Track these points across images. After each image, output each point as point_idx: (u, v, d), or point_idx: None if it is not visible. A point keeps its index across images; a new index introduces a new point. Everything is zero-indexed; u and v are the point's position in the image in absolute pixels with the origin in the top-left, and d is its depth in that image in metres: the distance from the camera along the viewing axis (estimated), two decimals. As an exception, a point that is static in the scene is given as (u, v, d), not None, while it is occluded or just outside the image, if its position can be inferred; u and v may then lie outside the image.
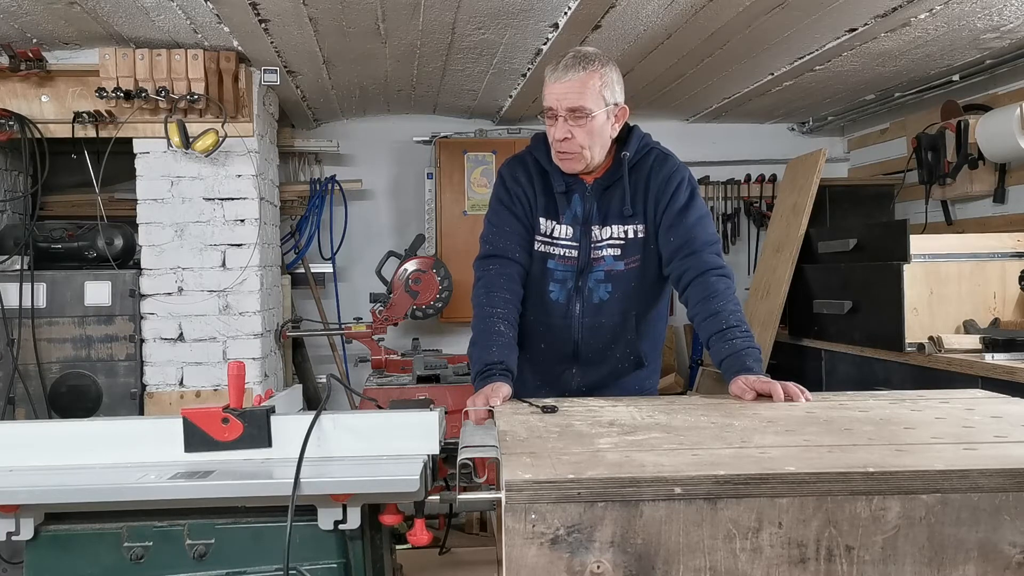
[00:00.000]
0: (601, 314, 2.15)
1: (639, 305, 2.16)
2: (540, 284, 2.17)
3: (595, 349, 2.18)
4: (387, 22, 3.13)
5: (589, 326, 2.15)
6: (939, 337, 3.07)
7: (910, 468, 1.20)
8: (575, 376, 2.21)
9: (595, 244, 2.12)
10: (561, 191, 2.14)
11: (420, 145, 4.93)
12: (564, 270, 2.15)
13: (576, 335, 2.16)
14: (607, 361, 2.20)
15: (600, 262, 2.13)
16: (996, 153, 3.68)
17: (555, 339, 2.18)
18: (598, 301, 2.14)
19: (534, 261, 2.17)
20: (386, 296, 4.17)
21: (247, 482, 1.70)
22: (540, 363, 2.22)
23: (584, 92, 2.00)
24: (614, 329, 2.16)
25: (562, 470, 1.22)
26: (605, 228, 2.13)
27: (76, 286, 3.53)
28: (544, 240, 2.16)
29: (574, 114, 2.01)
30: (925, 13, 2.96)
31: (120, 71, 3.37)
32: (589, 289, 2.14)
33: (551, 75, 2.03)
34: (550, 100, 2.04)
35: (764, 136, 5.16)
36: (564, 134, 2.03)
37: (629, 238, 2.12)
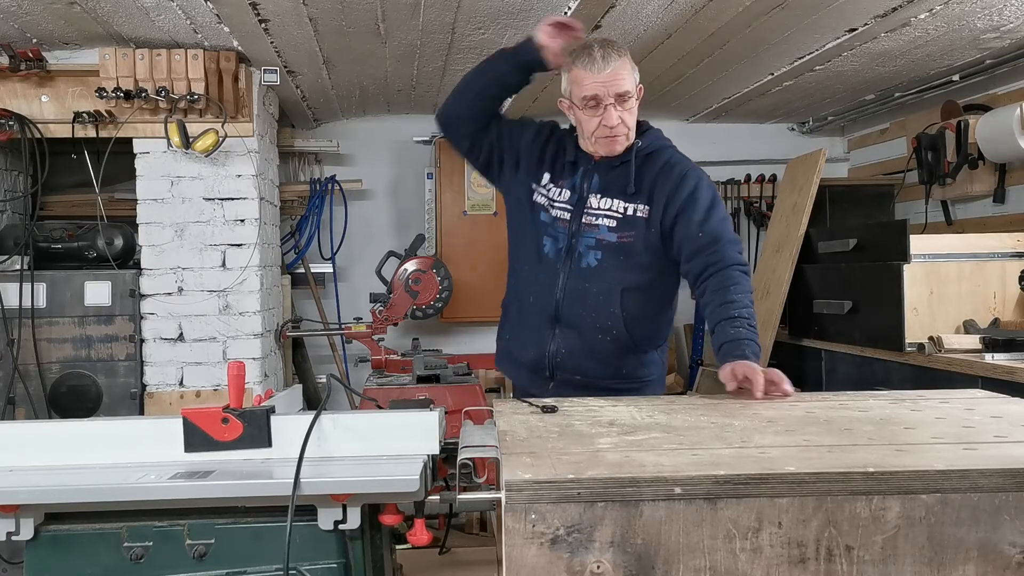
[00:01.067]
0: (587, 279, 2.22)
1: (628, 280, 2.22)
2: (535, 236, 2.29)
3: (576, 314, 2.23)
4: (387, 22, 3.13)
5: (573, 288, 2.22)
6: (939, 337, 3.07)
7: (910, 468, 1.20)
8: (556, 338, 2.26)
9: (589, 210, 2.23)
10: (571, 160, 2.28)
11: (420, 145, 4.93)
12: (558, 230, 2.26)
13: (559, 294, 2.24)
14: (587, 330, 2.23)
15: (593, 229, 2.22)
16: (996, 153, 3.68)
17: (540, 294, 2.27)
18: (586, 266, 2.22)
19: (532, 210, 2.29)
20: (386, 296, 4.17)
21: (247, 482, 1.70)
22: (526, 317, 2.32)
23: (626, 76, 2.16)
24: (597, 297, 2.22)
25: (562, 470, 1.22)
26: (604, 199, 2.23)
27: (76, 286, 3.53)
28: (543, 193, 2.29)
29: (621, 98, 2.16)
30: (925, 13, 2.96)
31: (120, 71, 3.37)
32: (579, 253, 2.23)
33: (590, 67, 2.14)
34: (595, 89, 2.14)
35: (764, 136, 5.16)
36: (617, 120, 2.16)
37: (628, 215, 2.21)
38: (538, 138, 2.34)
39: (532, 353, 2.30)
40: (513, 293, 2.39)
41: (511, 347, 2.39)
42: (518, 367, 2.39)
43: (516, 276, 2.38)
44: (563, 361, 2.27)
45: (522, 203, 2.32)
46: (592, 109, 2.17)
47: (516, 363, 2.39)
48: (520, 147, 2.34)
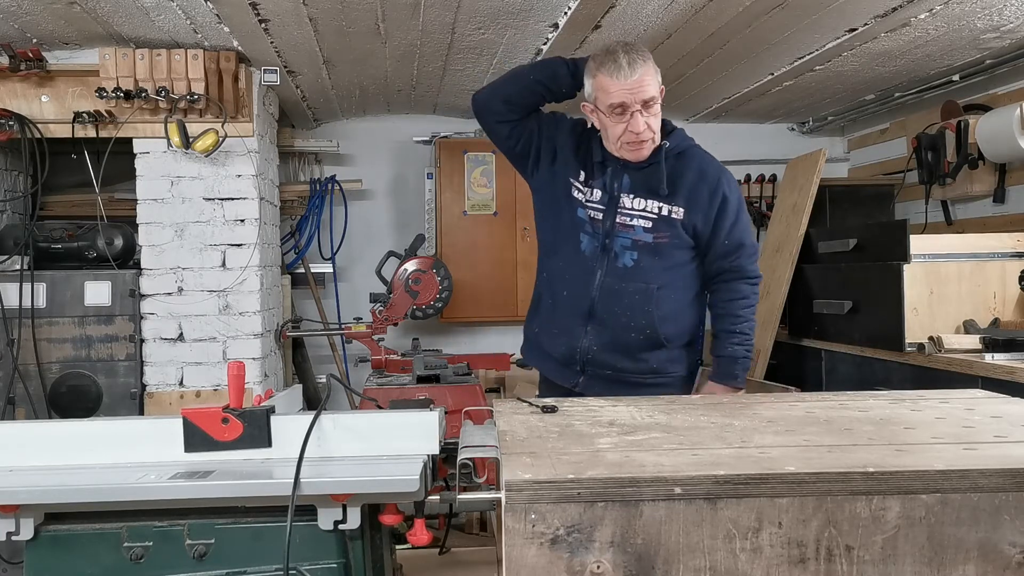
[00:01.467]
0: (623, 279, 2.26)
1: (663, 280, 2.28)
2: (574, 231, 2.31)
3: (610, 312, 2.27)
4: (387, 22, 3.13)
5: (609, 287, 2.26)
6: (939, 337, 3.07)
7: (910, 468, 1.20)
8: (588, 334, 2.29)
9: (623, 211, 2.26)
10: (599, 161, 2.30)
11: (420, 145, 4.93)
12: (594, 229, 2.29)
13: (594, 292, 2.27)
14: (621, 328, 2.28)
15: (629, 229, 2.26)
16: (996, 153, 3.68)
17: (575, 290, 2.29)
18: (622, 266, 2.26)
19: (570, 205, 2.31)
20: (386, 296, 4.17)
21: (247, 482, 1.70)
22: (559, 311, 2.33)
23: (651, 82, 2.18)
24: (633, 297, 2.26)
25: (562, 470, 1.22)
26: (637, 199, 2.27)
27: (76, 286, 3.53)
28: (579, 189, 2.31)
29: (647, 104, 2.18)
30: (925, 13, 2.96)
31: (120, 71, 3.37)
32: (615, 253, 2.27)
33: (616, 75, 2.16)
34: (622, 97, 2.17)
35: (764, 136, 5.15)
36: (644, 126, 2.19)
37: (663, 215, 2.25)
38: (573, 134, 2.37)
39: (563, 347, 2.33)
40: (545, 285, 2.39)
41: (541, 339, 2.40)
42: (547, 359, 2.41)
43: (550, 268, 2.37)
44: (594, 357, 2.30)
45: (559, 197, 2.33)
46: (619, 116, 2.19)
47: (546, 355, 2.41)
48: (557, 141, 2.35)
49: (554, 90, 2.34)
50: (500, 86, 2.38)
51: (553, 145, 2.35)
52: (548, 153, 2.36)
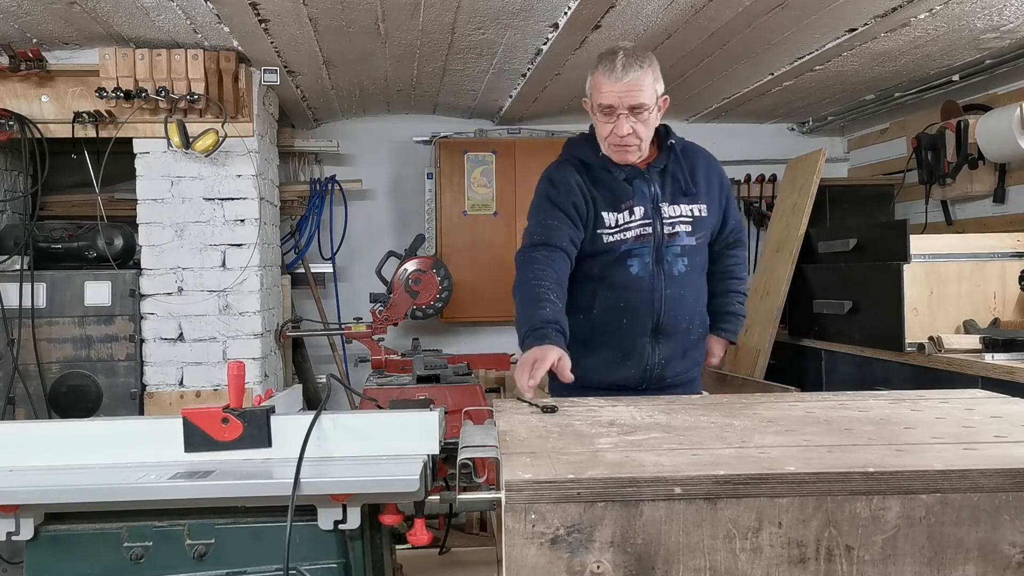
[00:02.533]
0: (681, 286, 2.29)
1: (702, 277, 2.38)
2: (619, 264, 2.26)
3: (674, 319, 2.29)
4: (387, 22, 3.13)
5: (672, 297, 2.27)
6: (939, 337, 3.07)
7: (910, 468, 1.20)
8: (658, 348, 2.29)
9: (667, 220, 2.27)
10: (623, 178, 2.27)
11: (420, 145, 4.93)
12: (641, 247, 2.26)
13: (659, 306, 2.27)
14: (684, 332, 2.33)
15: (676, 237, 2.28)
16: (996, 153, 3.68)
17: (637, 313, 2.27)
18: (678, 274, 2.28)
19: (605, 251, 2.26)
20: (386, 296, 4.17)
21: (247, 482, 1.70)
22: (621, 339, 2.28)
23: (643, 89, 2.16)
24: (690, 299, 2.32)
25: (562, 470, 1.22)
26: (674, 206, 2.28)
27: (76, 286, 3.53)
28: (615, 231, 2.26)
29: (635, 110, 2.17)
30: (925, 13, 2.96)
31: (120, 71, 3.37)
32: (668, 263, 2.27)
33: (608, 75, 2.15)
34: (611, 99, 2.16)
35: (764, 136, 5.15)
36: (628, 131, 2.18)
37: (696, 216, 2.30)
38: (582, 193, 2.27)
39: (633, 371, 2.29)
40: (593, 327, 2.29)
41: (591, 377, 2.24)
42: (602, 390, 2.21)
43: (596, 307, 2.29)
44: (661, 371, 2.31)
45: (597, 253, 2.27)
46: (606, 116, 2.20)
47: (600, 387, 2.25)
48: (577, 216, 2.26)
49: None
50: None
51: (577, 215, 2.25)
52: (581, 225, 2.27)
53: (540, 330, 2.04)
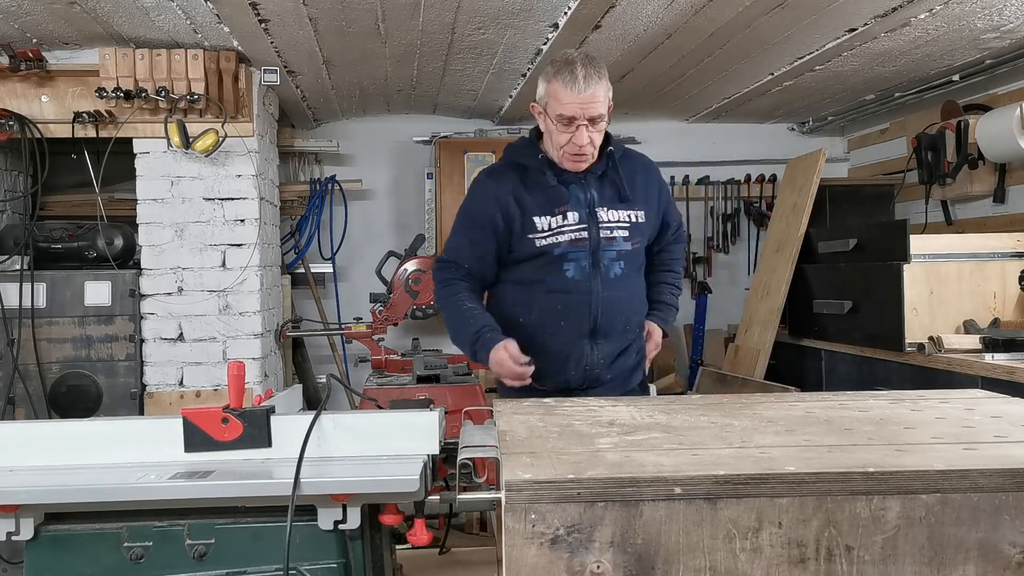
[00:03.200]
0: (618, 288, 2.31)
1: (639, 279, 2.42)
2: (553, 268, 2.28)
3: (611, 320, 2.32)
4: (387, 22, 3.13)
5: (608, 300, 2.30)
6: (939, 337, 3.07)
7: (910, 468, 1.20)
8: (595, 349, 2.32)
9: (604, 224, 2.30)
10: (554, 184, 2.29)
11: (420, 145, 4.93)
12: (577, 251, 2.28)
13: (595, 309, 2.29)
14: (621, 332, 2.36)
15: (613, 242, 2.30)
16: (996, 153, 3.68)
17: (575, 315, 2.29)
18: (614, 276, 2.31)
19: (538, 255, 2.28)
20: (386, 296, 4.16)
21: (247, 482, 1.70)
22: (561, 340, 2.31)
23: (602, 99, 2.19)
24: (626, 301, 2.36)
25: (562, 470, 1.22)
26: (611, 211, 2.31)
27: (76, 286, 3.53)
28: (546, 234, 2.27)
29: (593, 120, 2.19)
30: (925, 13, 2.96)
31: (120, 71, 3.37)
32: (605, 266, 2.30)
33: (570, 86, 2.15)
34: (572, 110, 2.17)
35: (764, 136, 5.15)
36: (587, 140, 2.20)
37: (633, 221, 2.33)
38: (500, 203, 2.29)
39: (573, 372, 2.32)
40: (532, 331, 2.31)
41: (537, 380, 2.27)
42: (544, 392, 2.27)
43: (533, 311, 2.31)
44: (602, 371, 2.34)
45: (531, 256, 2.29)
46: (565, 126, 2.20)
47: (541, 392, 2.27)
48: (501, 228, 2.29)
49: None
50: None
51: (504, 228, 2.29)
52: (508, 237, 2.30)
53: (480, 339, 2.22)
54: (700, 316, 4.96)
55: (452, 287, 2.34)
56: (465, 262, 2.35)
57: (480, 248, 2.32)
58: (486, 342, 2.21)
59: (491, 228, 2.30)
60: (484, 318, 2.27)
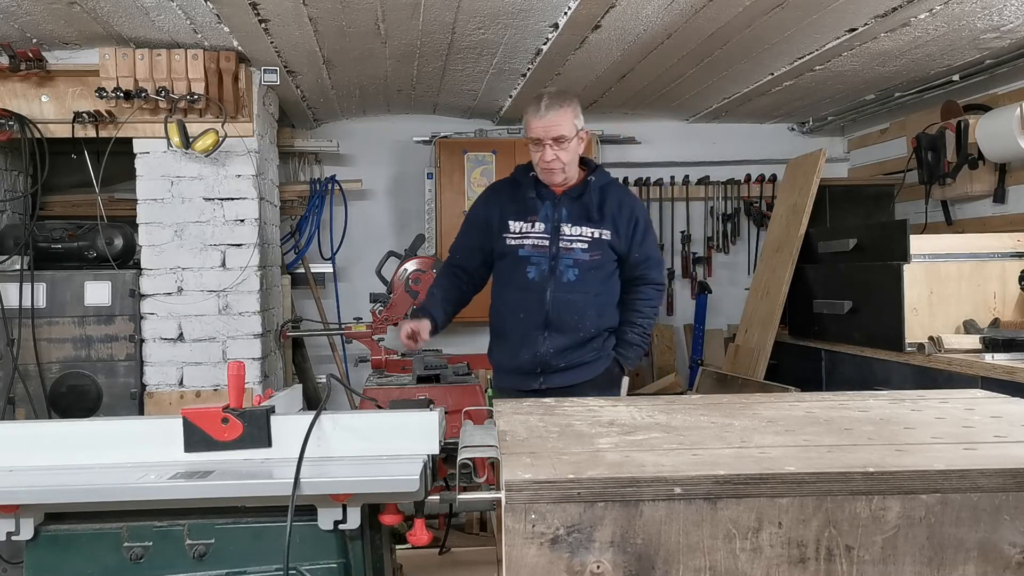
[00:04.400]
0: (570, 290, 2.76)
1: (598, 287, 2.80)
2: (519, 268, 2.79)
3: (562, 318, 2.76)
4: (387, 22, 3.13)
5: (559, 300, 2.76)
6: (939, 337, 3.07)
7: (910, 468, 1.20)
8: (546, 340, 2.76)
9: (564, 237, 2.77)
10: (532, 197, 2.80)
11: (420, 145, 4.93)
12: (539, 256, 2.78)
13: (548, 307, 2.76)
14: (572, 329, 2.77)
15: (570, 252, 2.77)
16: (996, 153, 3.68)
17: (531, 309, 2.77)
18: (567, 281, 2.76)
19: (508, 253, 2.80)
20: (386, 296, 4.16)
21: (247, 482, 1.71)
22: (519, 329, 2.80)
23: (564, 124, 2.68)
24: (578, 304, 2.77)
25: (562, 470, 1.22)
26: (575, 227, 2.78)
27: (76, 286, 3.53)
28: (515, 236, 2.80)
29: (557, 141, 2.69)
30: (925, 13, 2.96)
31: (120, 71, 3.37)
32: (560, 271, 2.77)
33: (535, 114, 2.68)
34: (538, 132, 2.69)
35: (764, 136, 5.15)
36: (552, 157, 2.71)
37: (595, 238, 2.78)
38: (488, 207, 2.88)
39: (526, 356, 2.78)
40: (500, 319, 2.87)
41: (502, 360, 2.88)
42: (511, 375, 2.87)
43: (504, 303, 2.85)
44: (552, 358, 2.77)
45: (503, 254, 2.82)
46: (535, 146, 2.73)
47: (508, 372, 2.87)
48: (485, 227, 2.85)
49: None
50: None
51: (488, 232, 2.84)
52: (490, 235, 2.85)
53: (416, 312, 2.92)
54: (700, 316, 4.96)
55: (436, 280, 3.00)
56: (457, 253, 2.95)
57: (470, 241, 2.91)
58: (412, 317, 2.90)
59: (481, 226, 2.87)
60: (431, 303, 2.87)
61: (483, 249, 2.87)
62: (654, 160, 5.09)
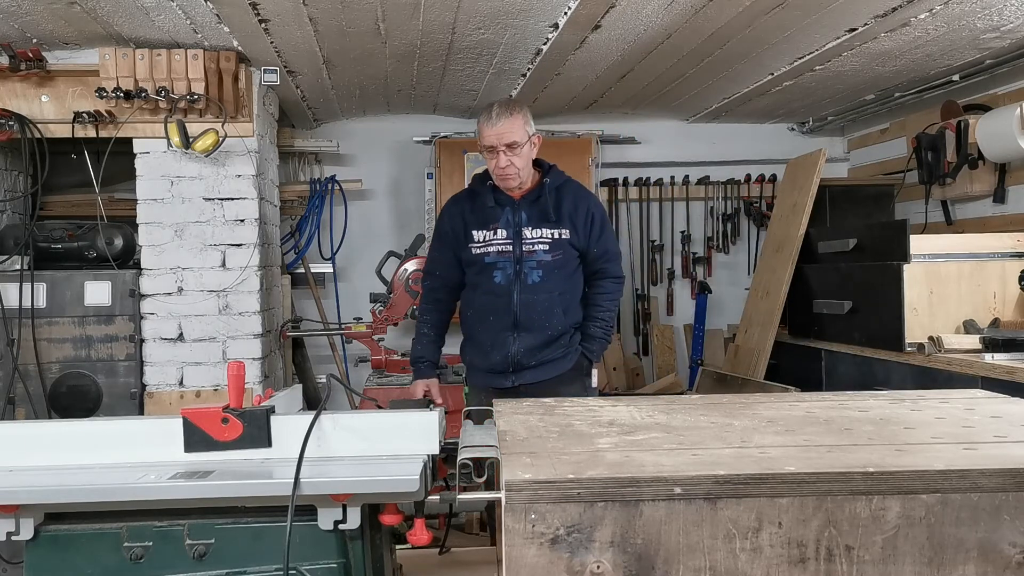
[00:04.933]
0: (535, 292, 2.85)
1: (562, 286, 2.89)
2: (486, 274, 2.88)
3: (530, 318, 2.85)
4: (387, 22, 3.13)
5: (525, 301, 2.85)
6: (939, 337, 3.07)
7: (910, 468, 1.20)
8: (516, 340, 2.85)
9: (526, 240, 2.87)
10: (491, 205, 2.89)
11: (420, 145, 4.93)
12: (504, 261, 2.87)
13: (515, 308, 2.85)
14: (540, 328, 2.86)
15: (533, 254, 2.86)
16: (996, 153, 3.67)
17: (500, 312, 2.87)
18: (531, 283, 2.85)
19: (475, 261, 2.90)
20: (386, 296, 4.16)
21: (247, 482, 1.71)
22: (489, 332, 2.90)
23: (515, 130, 2.77)
24: (544, 303, 2.85)
25: (562, 470, 1.22)
26: (536, 230, 2.87)
27: (76, 286, 3.53)
28: (480, 245, 2.89)
29: (510, 147, 2.77)
30: (925, 13, 2.96)
31: (120, 71, 3.36)
32: (524, 274, 2.85)
33: (487, 123, 2.77)
34: (491, 140, 2.77)
35: (764, 136, 5.15)
36: (506, 163, 2.79)
37: (555, 238, 2.87)
38: (452, 220, 2.95)
39: (498, 357, 2.87)
40: (471, 323, 2.96)
41: (475, 360, 2.97)
42: (485, 375, 2.95)
43: (472, 308, 2.94)
44: (522, 358, 2.86)
45: (471, 262, 2.91)
46: (489, 153, 2.81)
47: (481, 371, 2.96)
48: (452, 240, 2.94)
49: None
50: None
51: (458, 247, 2.92)
52: (458, 246, 2.93)
53: (416, 365, 2.99)
54: (700, 316, 4.96)
55: (424, 306, 3.05)
56: (437, 269, 3.01)
57: (446, 255, 2.98)
58: (418, 371, 2.98)
59: (449, 240, 2.96)
60: (428, 349, 2.99)
61: (458, 260, 2.96)
62: (654, 160, 5.09)
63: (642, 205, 5.05)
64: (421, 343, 2.99)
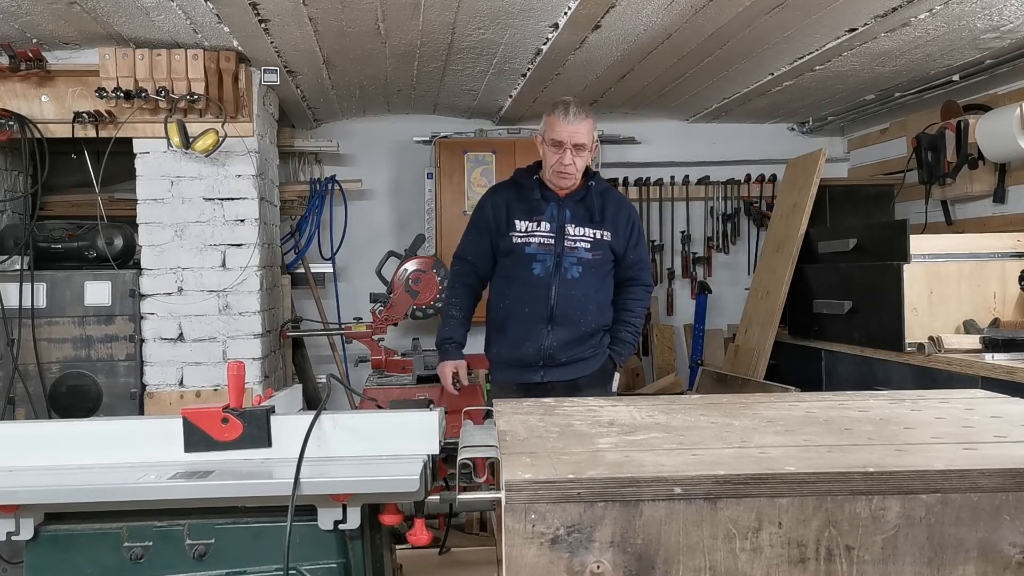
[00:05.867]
0: (572, 287, 2.92)
1: (597, 284, 2.98)
2: (524, 264, 2.93)
3: (565, 313, 2.91)
4: (387, 22, 3.13)
5: (563, 295, 2.91)
6: (939, 337, 3.07)
7: (910, 468, 1.20)
8: (549, 333, 2.91)
9: (569, 236, 2.94)
10: (538, 198, 2.96)
11: (420, 145, 4.93)
12: (544, 254, 2.93)
13: (552, 301, 2.91)
14: (574, 324, 2.92)
15: (575, 250, 2.94)
16: (996, 153, 3.67)
17: (536, 304, 2.92)
18: (571, 277, 2.93)
19: (513, 250, 2.94)
20: (386, 296, 4.16)
21: (247, 482, 1.71)
22: (523, 323, 2.94)
23: (586, 133, 2.86)
24: (580, 299, 2.93)
25: (562, 470, 1.22)
26: (579, 228, 2.95)
27: (76, 286, 3.53)
28: (522, 234, 2.95)
29: (578, 147, 2.86)
30: (925, 13, 2.96)
31: (120, 71, 3.36)
32: (564, 268, 2.93)
33: (563, 118, 2.83)
34: (564, 136, 2.84)
35: (764, 136, 5.15)
36: (570, 161, 2.87)
37: (597, 238, 2.96)
38: (496, 208, 3.00)
39: (530, 349, 2.92)
40: (503, 314, 2.98)
41: (503, 353, 3.00)
42: (512, 368, 2.99)
43: (507, 298, 2.97)
44: (555, 352, 2.91)
45: (509, 251, 2.95)
46: (555, 148, 2.87)
47: (509, 365, 2.99)
48: (492, 228, 2.99)
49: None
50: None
51: (494, 233, 2.98)
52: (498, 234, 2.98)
53: (443, 346, 3.03)
54: (700, 316, 4.97)
55: (453, 289, 3.09)
56: (469, 255, 3.06)
57: (481, 242, 3.03)
58: (445, 352, 3.02)
59: (486, 228, 3.01)
60: (456, 330, 3.01)
61: (492, 249, 3.02)
62: (654, 160, 5.09)
63: (642, 205, 5.05)
64: (449, 324, 3.03)
